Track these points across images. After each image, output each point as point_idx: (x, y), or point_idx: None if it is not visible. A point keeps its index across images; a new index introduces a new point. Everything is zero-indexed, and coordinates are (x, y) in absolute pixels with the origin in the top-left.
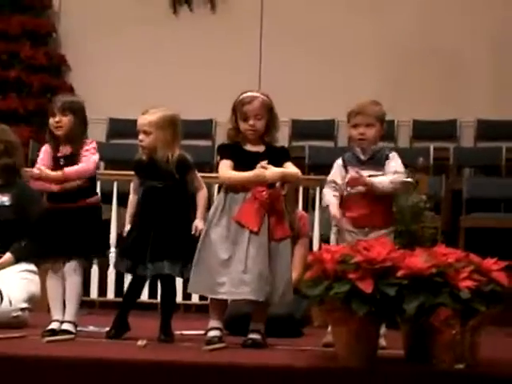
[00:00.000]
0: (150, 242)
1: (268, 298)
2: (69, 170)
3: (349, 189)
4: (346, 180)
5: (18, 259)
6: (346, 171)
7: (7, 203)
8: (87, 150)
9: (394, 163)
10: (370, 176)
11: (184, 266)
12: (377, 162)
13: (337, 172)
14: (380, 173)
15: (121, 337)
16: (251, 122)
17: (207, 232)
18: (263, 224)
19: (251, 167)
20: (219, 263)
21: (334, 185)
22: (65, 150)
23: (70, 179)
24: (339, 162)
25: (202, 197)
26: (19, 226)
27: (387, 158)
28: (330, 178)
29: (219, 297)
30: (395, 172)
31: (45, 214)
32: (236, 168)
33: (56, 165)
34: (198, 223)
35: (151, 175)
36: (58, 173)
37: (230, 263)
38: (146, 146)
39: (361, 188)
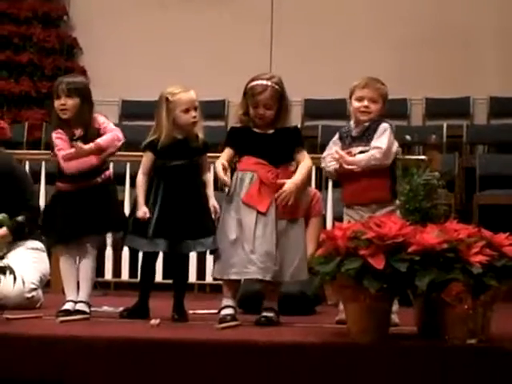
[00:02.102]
0: (188, 220)
1: (276, 277)
2: (101, 139)
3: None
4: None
5: (14, 235)
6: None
7: None
8: (103, 123)
9: (377, 137)
10: (360, 152)
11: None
12: (368, 137)
13: (331, 148)
14: (368, 148)
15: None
16: (261, 111)
17: (222, 214)
18: (271, 204)
19: (259, 148)
20: (230, 244)
21: (329, 158)
22: (78, 132)
23: (103, 149)
24: (335, 138)
25: (209, 178)
26: (11, 197)
27: (375, 131)
28: (324, 154)
29: (231, 277)
30: (374, 148)
31: (59, 196)
32: (245, 151)
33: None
34: (215, 203)
35: (176, 154)
36: (91, 145)
37: (239, 244)
38: (197, 123)
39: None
